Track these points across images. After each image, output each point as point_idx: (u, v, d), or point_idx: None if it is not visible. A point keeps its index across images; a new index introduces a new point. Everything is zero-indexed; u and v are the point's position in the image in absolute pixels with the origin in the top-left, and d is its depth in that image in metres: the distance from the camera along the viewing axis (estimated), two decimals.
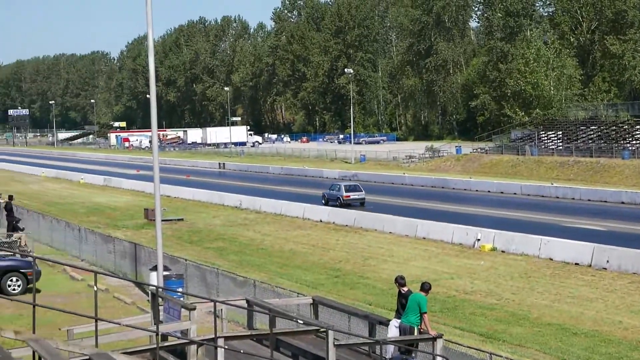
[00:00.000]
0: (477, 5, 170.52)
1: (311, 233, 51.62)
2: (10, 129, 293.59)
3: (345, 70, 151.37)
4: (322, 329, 20.02)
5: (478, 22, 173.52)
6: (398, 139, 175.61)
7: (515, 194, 73.55)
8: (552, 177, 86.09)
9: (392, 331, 20.58)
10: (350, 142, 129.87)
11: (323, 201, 67.07)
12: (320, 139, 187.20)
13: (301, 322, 21.00)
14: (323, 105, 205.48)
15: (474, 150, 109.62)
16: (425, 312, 20.06)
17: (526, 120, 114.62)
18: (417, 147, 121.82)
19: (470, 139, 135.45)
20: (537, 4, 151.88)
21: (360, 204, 65.68)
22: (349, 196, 66.28)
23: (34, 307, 16.44)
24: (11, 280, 33.06)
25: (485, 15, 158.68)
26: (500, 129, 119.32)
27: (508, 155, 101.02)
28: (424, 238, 47.55)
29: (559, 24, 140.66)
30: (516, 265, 39.27)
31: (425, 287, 20.60)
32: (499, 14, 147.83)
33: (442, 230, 47.33)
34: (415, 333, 20.06)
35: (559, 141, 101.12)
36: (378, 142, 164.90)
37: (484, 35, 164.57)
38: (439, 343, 19.89)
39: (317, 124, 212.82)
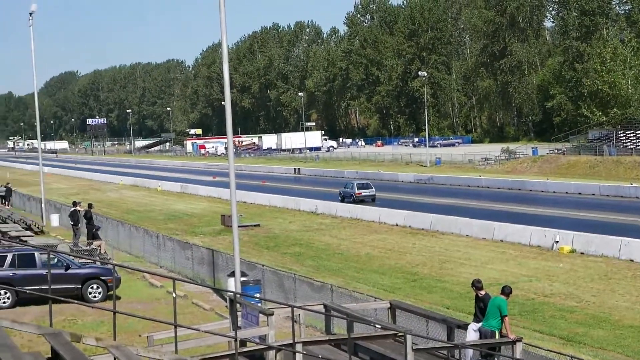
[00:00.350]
0: (552, 5, 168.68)
1: (387, 237, 51.51)
2: (88, 138, 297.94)
3: (419, 73, 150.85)
4: (400, 333, 19.96)
5: (553, 22, 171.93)
6: (473, 141, 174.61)
7: (593, 195, 72.66)
8: (632, 177, 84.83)
9: (471, 335, 20.45)
10: (425, 145, 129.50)
11: (340, 198, 73.49)
12: (395, 143, 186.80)
13: (379, 326, 20.96)
14: (397, 108, 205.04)
15: (551, 152, 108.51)
16: (506, 315, 19.94)
17: (604, 120, 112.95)
18: (493, 149, 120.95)
19: (547, 140, 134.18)
20: (613, 2, 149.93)
21: (372, 200, 72.10)
22: (360, 193, 73.05)
23: (114, 314, 16.63)
24: (92, 288, 33.46)
25: (560, 14, 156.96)
26: (577, 129, 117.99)
27: (585, 155, 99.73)
28: (502, 241, 47.20)
29: (636, 21, 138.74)
30: (596, 267, 38.76)
31: (506, 291, 20.47)
32: (574, 13, 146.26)
33: (520, 233, 46.93)
34: (497, 337, 19.94)
35: (637, 140, 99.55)
36: (453, 145, 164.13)
37: (559, 35, 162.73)
38: (519, 347, 19.73)
39: (392, 128, 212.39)
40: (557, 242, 43.69)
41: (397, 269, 40.55)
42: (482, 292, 20.86)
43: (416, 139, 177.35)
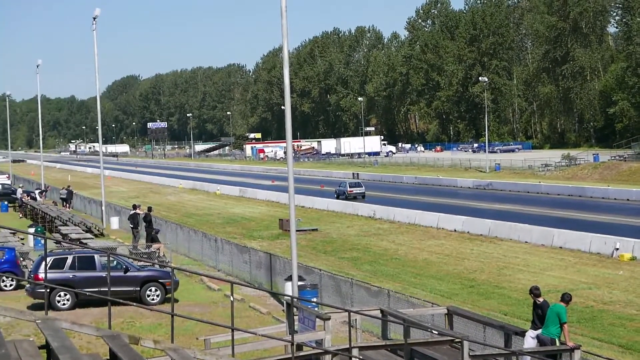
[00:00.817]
0: (616, 10, 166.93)
1: (445, 242, 51.33)
2: (149, 142, 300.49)
3: (480, 78, 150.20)
4: (457, 339, 19.88)
5: (616, 28, 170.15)
6: (533, 147, 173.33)
7: None
8: None
9: (529, 342, 20.32)
10: (485, 151, 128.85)
11: (335, 195, 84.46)
12: (454, 148, 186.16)
13: (436, 332, 20.89)
14: (457, 114, 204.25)
15: (612, 158, 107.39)
16: (565, 322, 19.79)
17: None
18: (553, 155, 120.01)
19: (608, 146, 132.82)
20: None
21: (362, 197, 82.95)
22: (352, 191, 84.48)
23: (172, 316, 16.75)
24: (150, 290, 33.71)
25: (624, 20, 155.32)
26: (639, 135, 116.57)
27: None
28: (561, 247, 46.82)
29: None
30: None
31: (566, 299, 20.33)
32: (639, 19, 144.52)
33: (580, 240, 46.52)
34: (556, 345, 19.79)
35: None
36: (513, 151, 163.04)
37: (623, 41, 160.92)
38: (577, 354, 19.56)
39: (451, 133, 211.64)
40: (618, 249, 43.24)
41: (454, 275, 40.39)
42: (541, 299, 20.73)
43: (475, 145, 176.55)
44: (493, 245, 49.51)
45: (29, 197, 78.22)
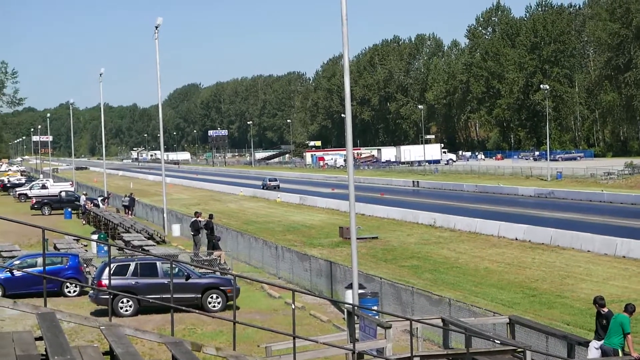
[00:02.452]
0: None
1: (506, 251, 50.99)
2: (210, 149, 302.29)
3: (541, 86, 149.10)
4: (519, 349, 19.76)
5: None
6: (595, 155, 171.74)
7: None
8: None
9: (592, 352, 20.13)
10: (546, 159, 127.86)
11: (262, 187, 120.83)
12: (515, 156, 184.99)
13: (498, 341, 20.77)
14: (518, 121, 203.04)
15: None
16: (629, 333, 19.57)
17: None
18: (616, 164, 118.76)
19: None
20: None
21: (277, 188, 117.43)
22: (270, 183, 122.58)
23: (234, 324, 16.84)
24: (212, 298, 33.90)
25: None
26: None
27: None
28: (624, 257, 46.28)
29: None
30: None
31: (629, 309, 20.12)
32: None
33: None
34: (620, 355, 19.58)
35: None
36: (575, 159, 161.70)
37: None
38: None
39: (512, 141, 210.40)
40: None
41: (516, 284, 40.10)
42: (605, 309, 20.53)
43: (537, 153, 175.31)
44: (555, 254, 49.08)
45: (92, 205, 79.03)
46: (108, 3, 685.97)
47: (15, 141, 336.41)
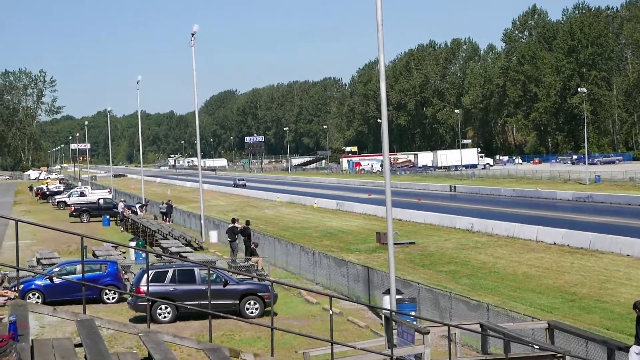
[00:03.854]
0: None
1: (544, 256, 50.70)
2: (246, 156, 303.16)
3: (579, 89, 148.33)
4: (558, 354, 19.65)
5: None
6: (634, 159, 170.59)
7: None
8: None
9: (633, 358, 19.96)
10: (584, 163, 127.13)
11: (233, 185, 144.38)
12: (553, 160, 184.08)
13: (537, 347, 20.66)
14: (555, 125, 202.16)
15: None
16: None
17: None
18: None
19: None
20: None
21: (244, 186, 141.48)
22: (239, 182, 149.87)
23: (272, 330, 16.85)
24: (249, 304, 33.95)
25: None
26: None
27: None
28: None
29: None
30: None
31: None
32: None
33: None
34: None
35: None
36: (613, 162, 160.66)
37: None
38: None
39: (550, 145, 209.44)
40: None
41: (554, 289, 39.84)
42: None
43: (575, 156, 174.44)
44: (594, 258, 48.74)
45: (130, 212, 79.46)
46: (145, 11, 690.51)
47: (54, 149, 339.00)
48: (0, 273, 35.70)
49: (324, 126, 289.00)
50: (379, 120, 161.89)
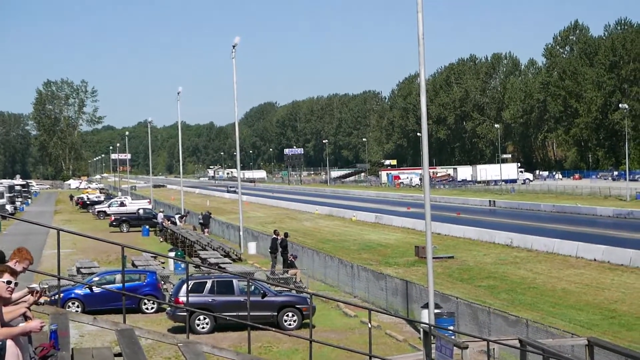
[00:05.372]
0: None
1: (584, 272, 50.39)
2: (285, 168, 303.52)
3: (620, 105, 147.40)
4: None
5: None
6: None
7: None
8: None
9: None
10: (625, 179, 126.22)
11: (226, 191, 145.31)
12: (593, 176, 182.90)
13: None
14: (596, 141, 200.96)
15: None
16: None
17: None
18: None
19: None
20: None
21: (234, 192, 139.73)
22: (231, 188, 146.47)
23: (310, 342, 16.88)
24: (287, 316, 34.01)
25: None
26: None
27: None
28: None
29: None
30: None
31: None
32: None
33: None
34: None
35: None
36: None
37: None
38: None
39: (590, 161, 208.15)
40: None
41: (594, 305, 39.60)
42: None
43: (615, 173, 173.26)
44: (635, 275, 48.37)
45: (169, 222, 79.84)
46: (186, 23, 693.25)
47: (95, 159, 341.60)
48: (40, 285, 35.94)
49: (363, 139, 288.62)
50: (418, 133, 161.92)
